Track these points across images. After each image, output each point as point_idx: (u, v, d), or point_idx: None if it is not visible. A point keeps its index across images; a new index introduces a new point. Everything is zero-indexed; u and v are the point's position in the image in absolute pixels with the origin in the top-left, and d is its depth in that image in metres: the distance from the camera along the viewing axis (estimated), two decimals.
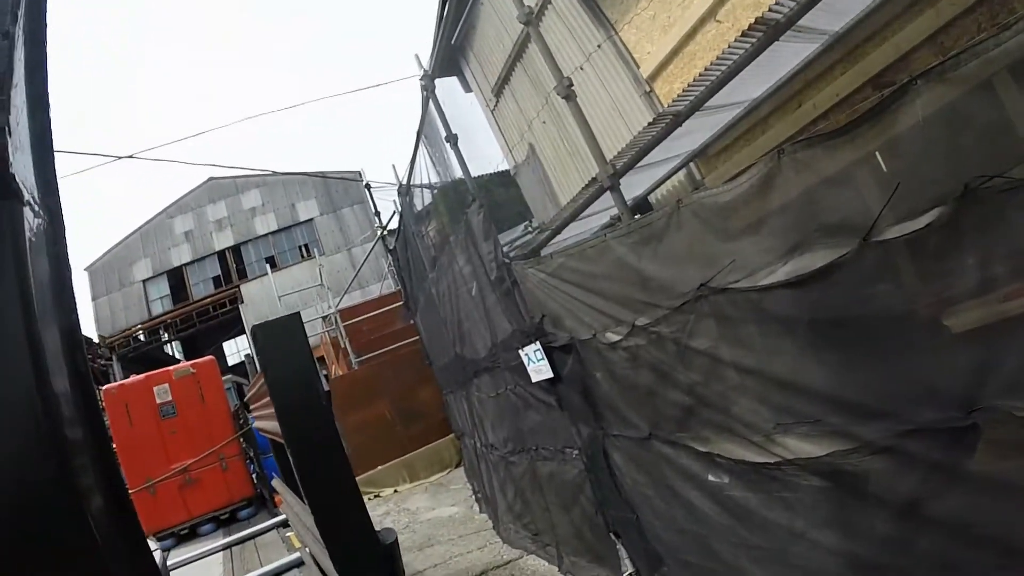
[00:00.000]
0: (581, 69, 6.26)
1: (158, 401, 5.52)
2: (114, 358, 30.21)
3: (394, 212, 9.62)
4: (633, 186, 5.30)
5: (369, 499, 10.73)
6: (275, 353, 2.84)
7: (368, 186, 11.27)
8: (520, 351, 4.44)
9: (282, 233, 32.91)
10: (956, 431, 1.94)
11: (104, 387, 6.05)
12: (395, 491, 10.82)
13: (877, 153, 2.06)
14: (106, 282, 32.66)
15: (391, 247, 9.91)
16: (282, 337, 2.81)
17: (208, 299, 31.36)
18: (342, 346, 14.80)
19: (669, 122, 3.57)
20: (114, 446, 5.85)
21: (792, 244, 2.35)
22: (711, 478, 2.94)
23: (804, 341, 2.40)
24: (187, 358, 39.40)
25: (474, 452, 7.55)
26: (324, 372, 15.37)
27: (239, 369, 33.96)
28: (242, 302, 30.09)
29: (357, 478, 10.47)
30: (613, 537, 4.13)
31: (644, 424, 3.34)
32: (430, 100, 5.69)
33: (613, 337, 3.35)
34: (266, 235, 32.85)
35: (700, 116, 3.88)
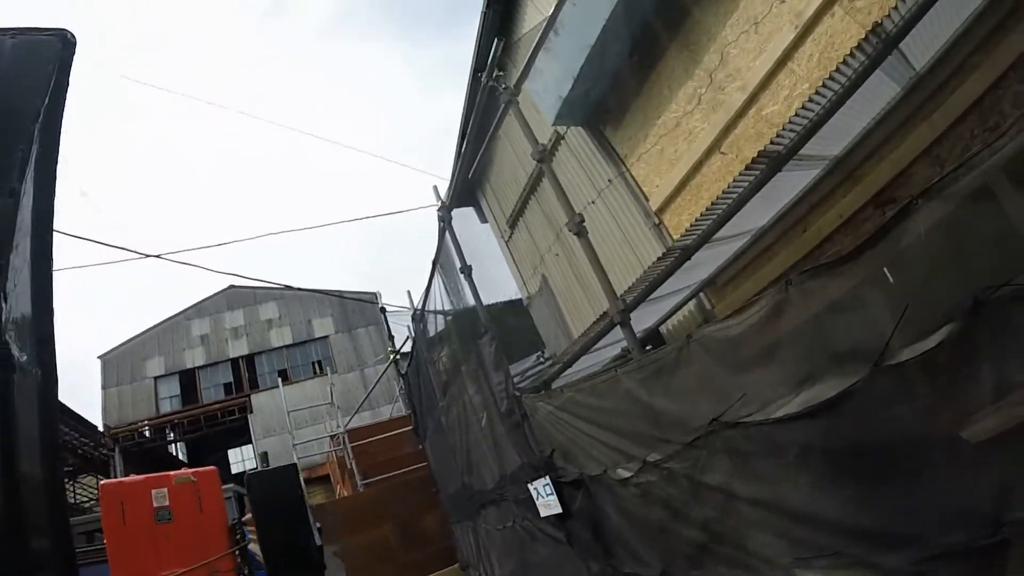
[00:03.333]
0: (592, 203, 6.46)
1: (155, 504, 5.31)
2: (117, 449, 29.51)
3: (408, 337, 9.69)
4: (644, 318, 5.32)
5: None
6: (269, 508, 2.38)
7: (383, 309, 11.41)
8: (529, 485, 4.32)
9: (296, 347, 33.03)
10: (984, 549, 1.83)
11: (102, 482, 5.87)
12: None
13: (884, 274, 2.06)
14: (118, 373, 32.46)
15: (403, 372, 9.90)
16: (277, 490, 2.34)
17: (218, 404, 31.03)
18: (348, 466, 14.45)
19: (678, 256, 3.64)
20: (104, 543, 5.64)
21: (804, 374, 2.33)
22: None
23: (820, 471, 2.33)
24: (191, 461, 38.43)
25: None
26: (318, 525, 15.16)
27: (242, 479, 32.99)
28: (251, 411, 29.80)
29: None
30: None
31: (656, 561, 3.19)
32: (446, 231, 5.86)
33: (624, 473, 3.27)
34: (280, 348, 32.95)
35: (708, 247, 3.96)
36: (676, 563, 3.04)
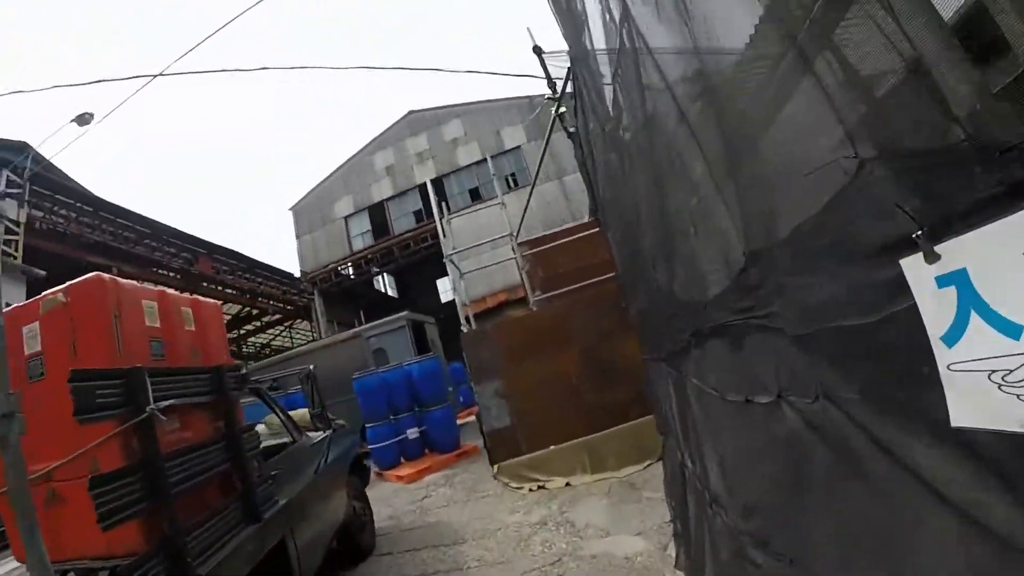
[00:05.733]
0: None
1: (26, 352, 2.73)
2: (315, 292, 30.62)
3: (567, 78, 6.20)
4: None
5: (531, 491, 7.70)
6: None
7: (538, 49, 7.80)
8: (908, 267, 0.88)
9: (486, 163, 30.70)
10: None
11: None
12: (567, 484, 7.64)
13: None
14: (309, 221, 33.32)
15: (570, 128, 6.53)
16: None
17: (409, 233, 30.40)
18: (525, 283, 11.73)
19: None
20: None
21: None
22: None
23: None
24: (400, 295, 39.46)
25: (679, 468, 4.11)
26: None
27: (444, 310, 33.07)
28: (444, 236, 28.56)
29: (519, 459, 7.43)
30: None
31: None
32: None
33: None
34: (469, 166, 30.89)
35: None
36: None
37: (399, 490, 9.82)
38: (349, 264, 31.87)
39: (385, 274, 38.52)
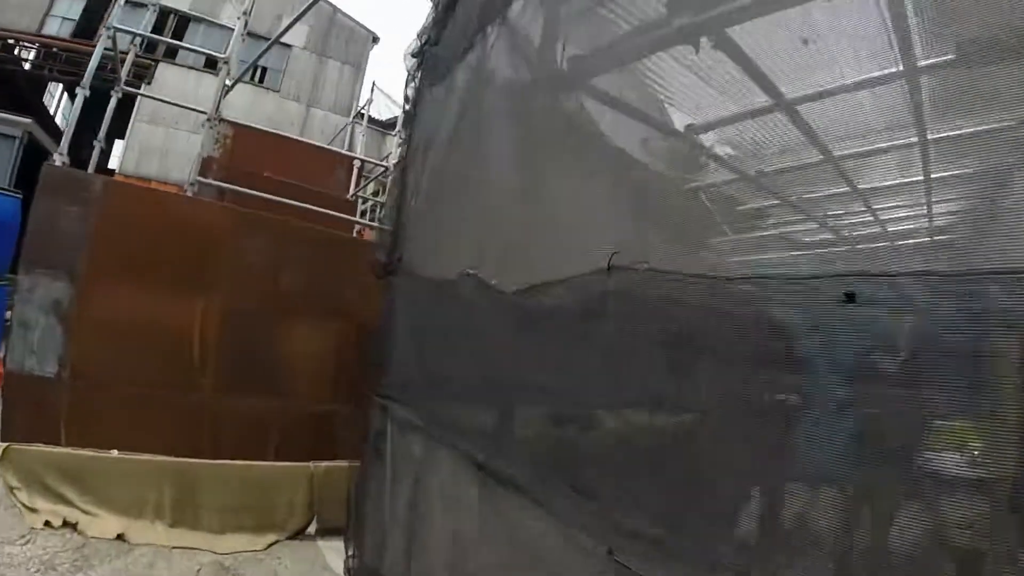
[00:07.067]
0: None
1: None
2: None
3: None
4: None
5: (48, 526, 3.99)
6: None
7: None
8: None
9: (247, 39, 24.72)
10: None
11: None
12: (119, 536, 4.04)
13: None
14: None
15: None
16: None
17: (118, 53, 22.77)
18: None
19: None
20: None
21: None
22: None
23: None
24: (79, 117, 29.62)
25: None
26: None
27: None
28: (149, 82, 21.94)
29: (51, 450, 3.47)
30: None
31: None
32: None
33: None
34: (224, 27, 24.65)
35: None
36: None
37: None
38: (33, 48, 23.15)
39: (66, 93, 29.42)
